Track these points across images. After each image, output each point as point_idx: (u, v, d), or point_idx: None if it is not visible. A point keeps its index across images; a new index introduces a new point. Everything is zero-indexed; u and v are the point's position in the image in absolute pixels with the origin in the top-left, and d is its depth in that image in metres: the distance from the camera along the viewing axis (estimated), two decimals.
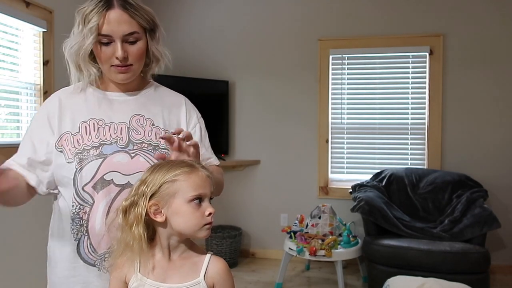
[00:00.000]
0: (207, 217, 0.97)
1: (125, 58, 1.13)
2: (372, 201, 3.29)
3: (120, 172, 1.13)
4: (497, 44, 3.76)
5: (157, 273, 0.99)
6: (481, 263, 2.94)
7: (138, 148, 1.18)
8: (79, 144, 1.15)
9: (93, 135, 1.16)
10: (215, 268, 1.00)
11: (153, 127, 1.22)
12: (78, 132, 1.17)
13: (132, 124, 1.20)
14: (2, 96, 2.79)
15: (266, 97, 4.20)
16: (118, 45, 1.11)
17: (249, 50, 4.22)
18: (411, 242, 3.08)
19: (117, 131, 1.18)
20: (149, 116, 1.23)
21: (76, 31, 1.13)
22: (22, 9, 2.82)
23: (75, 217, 1.13)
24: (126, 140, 1.18)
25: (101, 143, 1.16)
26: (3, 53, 2.82)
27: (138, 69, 1.20)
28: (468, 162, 3.80)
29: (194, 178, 0.98)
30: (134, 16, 1.12)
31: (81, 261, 1.14)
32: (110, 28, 1.10)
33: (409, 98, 4.00)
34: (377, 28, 3.96)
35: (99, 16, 1.09)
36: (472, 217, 3.18)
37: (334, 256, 3.13)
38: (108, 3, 1.10)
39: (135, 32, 1.13)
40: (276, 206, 4.17)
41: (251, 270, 3.87)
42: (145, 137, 1.20)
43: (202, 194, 0.98)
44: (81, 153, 1.14)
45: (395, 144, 4.03)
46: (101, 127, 1.17)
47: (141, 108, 1.23)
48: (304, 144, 4.14)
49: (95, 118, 1.18)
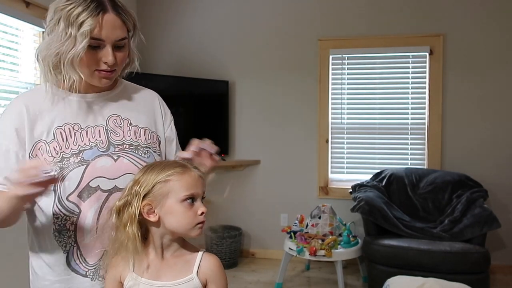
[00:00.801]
0: (199, 216, 0.99)
1: (113, 64, 1.08)
2: (372, 201, 3.29)
3: (106, 177, 1.10)
4: (497, 44, 3.76)
5: (151, 271, 1.01)
6: (481, 263, 2.94)
7: (120, 149, 1.14)
8: (57, 152, 1.08)
9: (70, 142, 1.10)
10: (207, 264, 1.02)
11: (131, 126, 1.19)
12: (54, 139, 1.10)
13: (109, 126, 1.16)
14: (2, 96, 2.79)
15: (266, 97, 4.20)
16: (109, 51, 1.06)
17: (249, 50, 4.22)
18: (411, 242, 3.08)
19: (95, 134, 1.13)
20: (126, 115, 1.19)
21: (55, 30, 1.04)
22: (22, 9, 2.82)
23: (62, 229, 1.09)
24: (106, 143, 1.14)
25: (81, 149, 1.10)
26: (3, 53, 2.82)
27: (119, 73, 1.16)
28: (468, 162, 3.80)
29: (186, 178, 0.99)
30: (125, 21, 1.08)
31: (72, 272, 1.11)
32: (104, 32, 1.04)
33: (409, 98, 4.00)
34: (377, 28, 3.96)
35: (94, 19, 1.02)
36: (472, 217, 3.18)
37: (334, 256, 3.12)
38: (102, 6, 1.04)
39: (125, 38, 1.09)
40: (276, 206, 4.17)
41: (251, 270, 3.87)
42: (125, 138, 1.17)
43: (195, 194, 1.00)
44: (60, 162, 1.08)
45: (395, 144, 4.03)
46: (78, 132, 1.12)
47: (116, 108, 1.19)
48: (304, 144, 4.13)
49: (70, 123, 1.12)
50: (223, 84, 4.18)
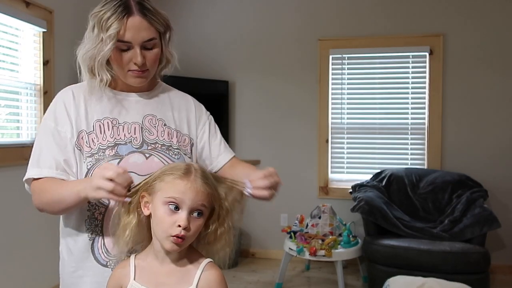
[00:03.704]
0: (175, 228, 0.91)
1: (143, 64, 1.14)
2: (372, 201, 3.29)
3: (136, 173, 1.12)
4: (497, 44, 3.76)
5: (151, 278, 0.97)
6: (481, 263, 2.94)
7: (152, 148, 1.19)
8: (94, 143, 1.15)
9: (107, 134, 1.16)
10: (207, 278, 0.97)
11: (165, 127, 1.24)
12: (93, 131, 1.16)
13: (145, 124, 1.21)
14: (2, 96, 2.79)
15: (266, 97, 4.20)
16: (137, 52, 1.12)
17: (249, 50, 4.22)
18: (411, 242, 3.08)
19: (131, 130, 1.19)
20: (161, 116, 1.25)
21: (91, 36, 1.12)
22: (22, 9, 2.82)
23: (91, 217, 1.13)
24: (140, 140, 1.19)
25: (116, 143, 1.16)
26: (3, 53, 2.82)
27: (153, 72, 1.22)
28: (468, 162, 3.80)
29: (178, 182, 0.94)
30: (152, 22, 1.12)
31: (94, 261, 1.14)
32: (130, 35, 1.10)
33: (409, 98, 4.00)
34: (377, 28, 3.96)
35: (119, 23, 1.08)
36: (472, 217, 3.18)
37: (334, 256, 3.12)
38: (128, 9, 1.09)
39: (153, 38, 1.14)
40: (276, 206, 4.16)
41: (251, 270, 3.87)
42: (158, 138, 1.21)
43: (178, 200, 0.93)
44: (97, 153, 1.14)
45: (395, 144, 4.03)
46: (115, 127, 1.18)
47: (153, 108, 1.25)
48: (304, 144, 4.13)
49: (109, 117, 1.19)
50: (223, 84, 4.18)
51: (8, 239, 2.71)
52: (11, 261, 2.74)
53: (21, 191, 1.24)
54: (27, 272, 2.86)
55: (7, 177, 2.68)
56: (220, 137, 1.37)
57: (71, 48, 1.22)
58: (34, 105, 3.01)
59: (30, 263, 2.89)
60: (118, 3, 1.09)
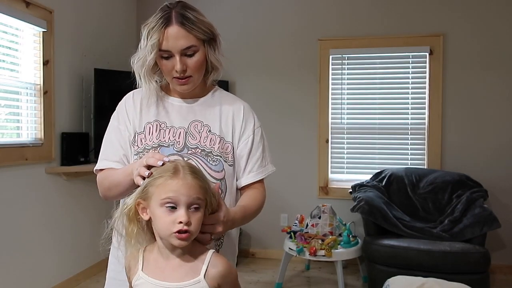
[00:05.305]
0: (177, 225, 0.94)
1: (184, 71, 1.20)
2: (372, 201, 3.30)
3: None
4: (497, 44, 3.76)
5: (158, 271, 1.00)
6: (481, 263, 2.94)
7: (192, 153, 1.24)
8: (142, 143, 1.25)
9: (154, 136, 1.25)
10: (215, 267, 0.99)
11: (209, 134, 1.28)
12: (143, 132, 1.27)
13: (190, 130, 1.27)
14: (2, 96, 2.80)
15: (266, 97, 4.20)
16: (177, 59, 1.18)
17: (249, 50, 4.22)
18: (411, 242, 3.08)
19: (175, 134, 1.26)
20: (207, 122, 1.29)
21: (142, 45, 1.21)
22: (22, 9, 2.82)
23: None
24: (182, 144, 1.25)
25: (160, 144, 1.24)
26: (3, 53, 2.82)
27: (198, 79, 1.26)
28: (468, 162, 3.80)
29: (170, 182, 0.96)
30: (191, 31, 1.18)
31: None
32: (168, 44, 1.17)
33: (409, 98, 4.00)
34: (377, 28, 3.96)
35: (159, 33, 1.17)
36: (472, 217, 3.18)
37: (334, 256, 3.12)
38: (167, 20, 1.17)
39: (192, 46, 1.19)
40: (276, 206, 4.17)
41: (251, 270, 3.87)
42: (200, 143, 1.26)
43: (174, 199, 0.95)
44: (142, 152, 1.23)
45: (395, 144, 4.03)
46: (162, 130, 1.26)
47: (201, 114, 1.30)
48: (304, 144, 4.14)
49: (159, 120, 1.28)
50: (223, 84, 4.18)
51: (8, 239, 2.71)
52: (11, 261, 2.74)
53: (21, 191, 1.24)
54: (27, 272, 2.87)
55: (7, 177, 2.67)
56: (259, 155, 1.34)
57: (71, 48, 1.23)
58: (34, 105, 3.01)
59: (30, 263, 2.89)
60: (161, 15, 1.19)
